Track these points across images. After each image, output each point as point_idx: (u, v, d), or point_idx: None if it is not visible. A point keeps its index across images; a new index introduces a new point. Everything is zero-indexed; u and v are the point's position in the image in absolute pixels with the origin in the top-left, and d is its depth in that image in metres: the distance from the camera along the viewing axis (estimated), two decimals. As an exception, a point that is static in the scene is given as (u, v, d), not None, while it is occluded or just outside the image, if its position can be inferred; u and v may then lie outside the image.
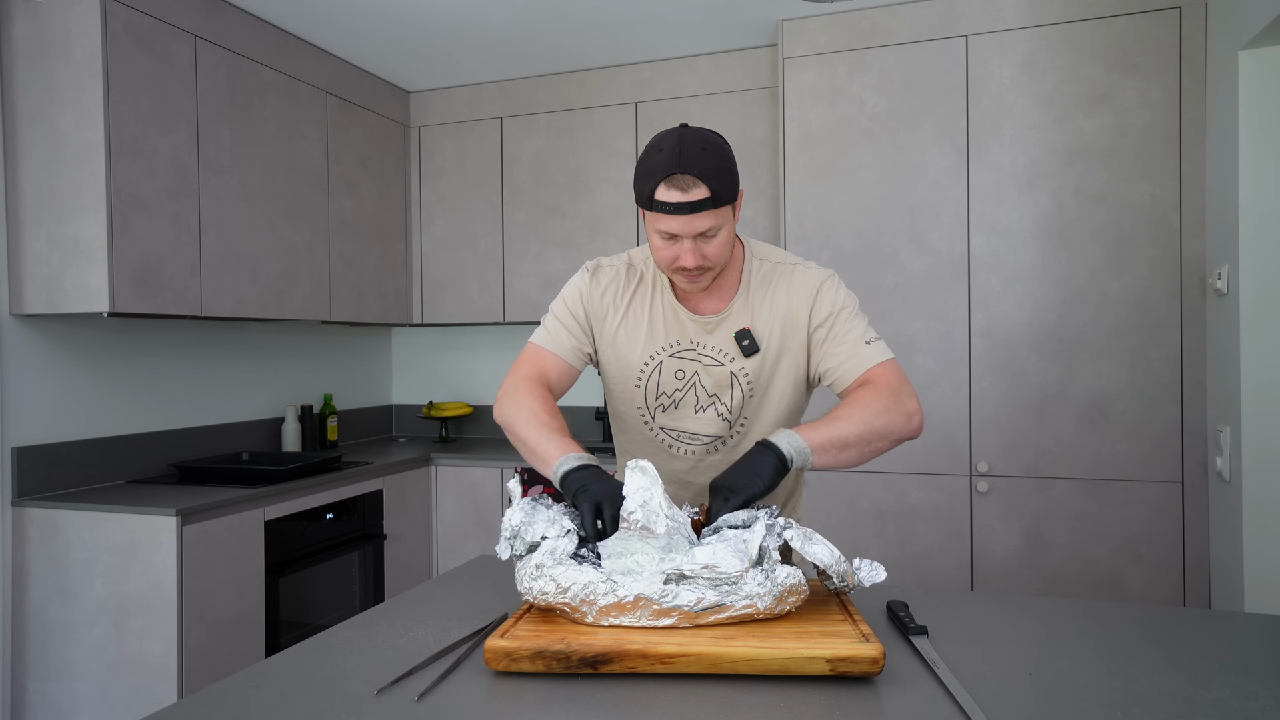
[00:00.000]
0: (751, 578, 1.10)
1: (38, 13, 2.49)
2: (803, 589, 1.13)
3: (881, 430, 1.33)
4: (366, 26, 3.18)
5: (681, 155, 1.30)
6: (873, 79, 2.98)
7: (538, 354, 1.52)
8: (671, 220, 1.33)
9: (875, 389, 1.38)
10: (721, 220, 1.35)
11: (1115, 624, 1.25)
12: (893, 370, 1.42)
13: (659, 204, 1.33)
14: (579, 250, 3.64)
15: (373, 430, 4.15)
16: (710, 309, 1.51)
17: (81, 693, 2.45)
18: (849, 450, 1.30)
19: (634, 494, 1.14)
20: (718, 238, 1.36)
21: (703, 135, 1.34)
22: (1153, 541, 2.69)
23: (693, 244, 1.35)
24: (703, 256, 1.37)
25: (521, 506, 1.20)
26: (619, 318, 1.53)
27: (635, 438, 1.60)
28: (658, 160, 1.33)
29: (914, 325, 2.93)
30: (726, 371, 1.50)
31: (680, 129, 1.35)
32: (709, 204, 1.31)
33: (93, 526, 2.44)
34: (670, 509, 1.14)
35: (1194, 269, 2.66)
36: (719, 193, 1.31)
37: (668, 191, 1.31)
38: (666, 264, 1.41)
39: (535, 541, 1.17)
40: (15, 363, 2.55)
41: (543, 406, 1.40)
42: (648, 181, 1.33)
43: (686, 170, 1.30)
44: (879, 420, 1.33)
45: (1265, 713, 0.94)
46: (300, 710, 0.98)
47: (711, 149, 1.33)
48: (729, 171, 1.34)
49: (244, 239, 2.94)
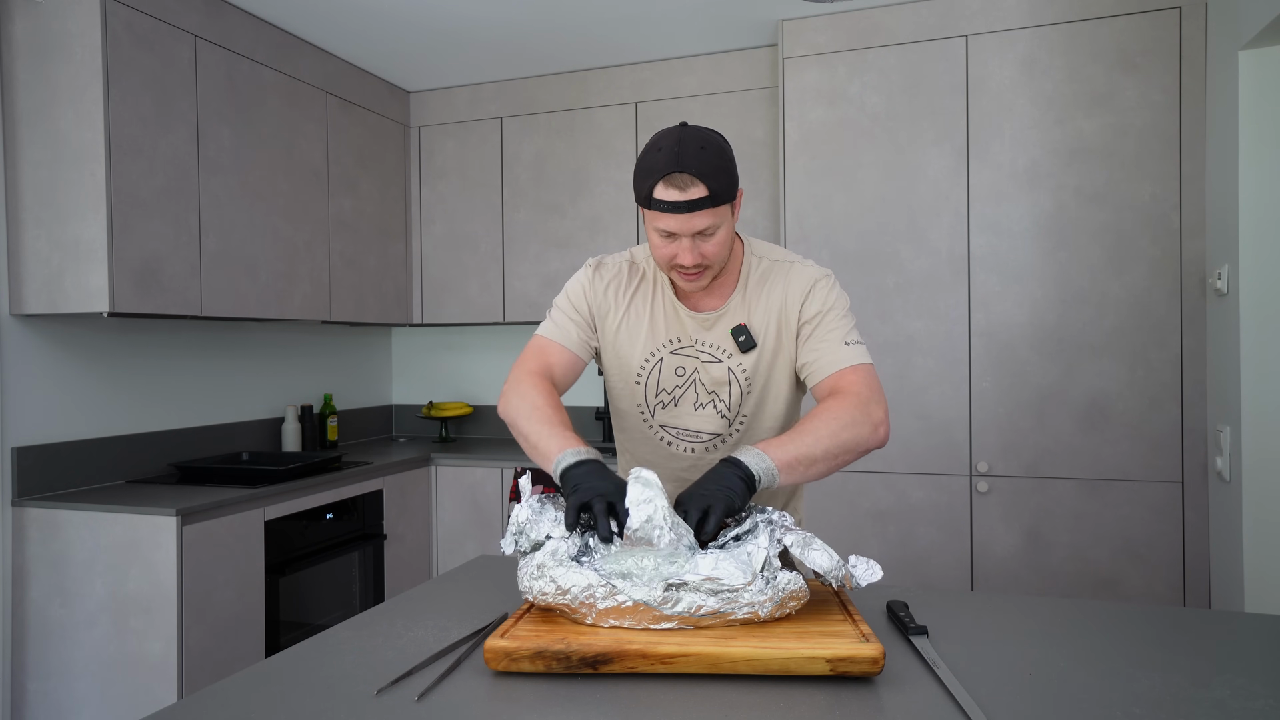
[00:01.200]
0: (754, 585, 1.09)
1: (38, 13, 2.49)
2: (803, 594, 1.13)
3: (848, 443, 1.31)
4: (366, 26, 3.18)
5: (680, 154, 1.31)
6: (873, 79, 2.98)
7: (543, 347, 1.52)
8: (669, 219, 1.34)
9: (843, 400, 1.36)
10: (719, 219, 1.35)
11: (1115, 624, 1.25)
12: (865, 376, 1.41)
13: (657, 202, 1.33)
14: (579, 250, 3.64)
15: (373, 430, 4.15)
16: (708, 306, 1.51)
17: (81, 693, 2.45)
18: (816, 466, 1.28)
19: (636, 507, 1.12)
20: (715, 236, 1.37)
21: (702, 134, 1.34)
22: (1152, 541, 2.69)
23: (691, 242, 1.36)
24: (701, 255, 1.37)
25: (529, 504, 1.20)
26: (620, 315, 1.53)
27: (635, 436, 1.60)
28: (656, 159, 1.33)
29: (914, 325, 2.93)
30: (724, 368, 1.50)
31: (679, 128, 1.35)
32: (707, 203, 1.32)
33: (93, 526, 2.44)
34: (673, 519, 1.13)
35: (1194, 269, 2.66)
36: (717, 192, 1.32)
37: (666, 190, 1.32)
38: (665, 262, 1.41)
39: (539, 540, 1.16)
40: (15, 363, 2.55)
41: (546, 400, 1.40)
42: (646, 180, 1.34)
43: (685, 169, 1.30)
44: (846, 433, 1.31)
45: (1265, 713, 0.94)
46: (300, 710, 0.98)
47: (710, 148, 1.33)
48: (727, 171, 1.34)
49: (244, 239, 2.94)
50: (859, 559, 1.16)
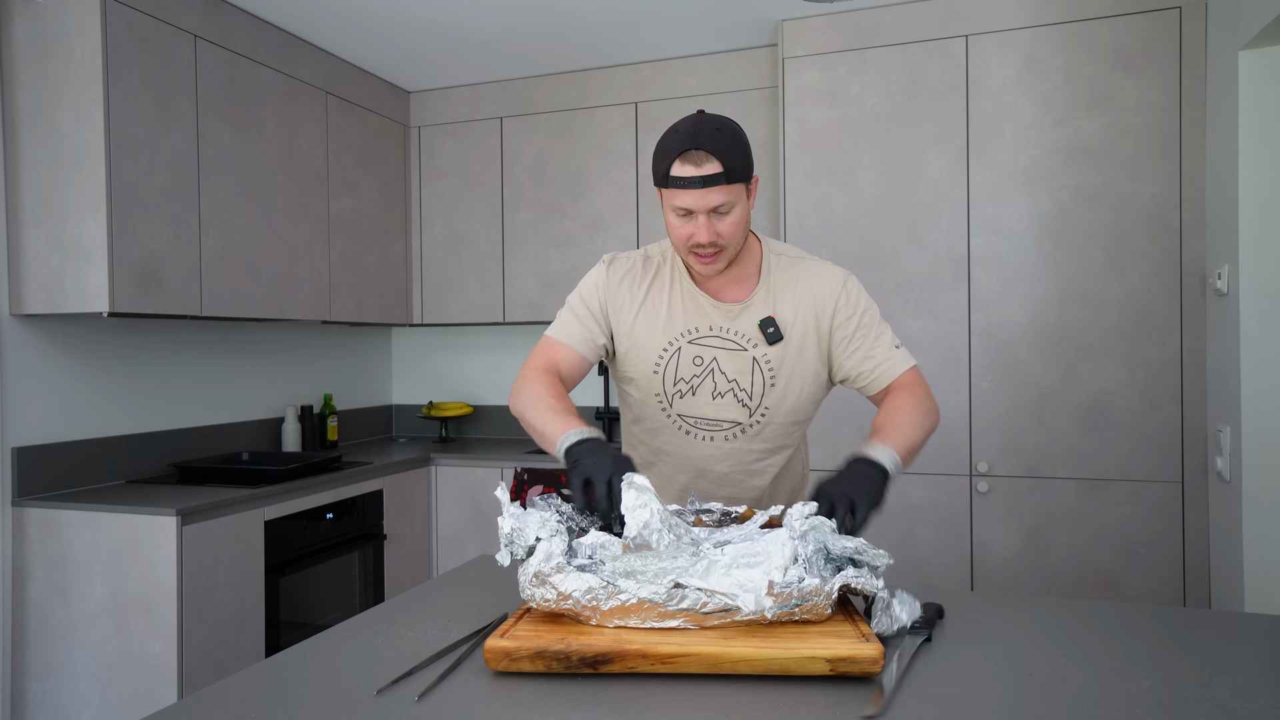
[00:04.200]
0: (761, 603, 1.08)
1: (38, 13, 2.49)
2: (823, 610, 1.11)
3: (930, 429, 1.45)
4: (366, 26, 3.18)
5: (696, 133, 1.37)
6: (873, 79, 2.98)
7: (550, 346, 1.57)
8: (686, 195, 1.38)
9: (914, 393, 1.48)
10: (734, 197, 1.40)
11: (1115, 624, 1.25)
12: (917, 374, 1.54)
13: (674, 179, 1.38)
14: (579, 250, 3.64)
15: (373, 430, 4.15)
16: (733, 297, 1.55)
17: (81, 693, 2.45)
18: (915, 454, 1.39)
19: (632, 513, 1.13)
20: (731, 215, 1.41)
21: (718, 118, 1.40)
22: (1152, 541, 2.69)
23: (706, 220, 1.40)
24: (716, 234, 1.41)
25: (511, 513, 1.19)
26: (637, 306, 1.56)
27: (653, 426, 1.62)
28: (673, 140, 1.39)
29: (914, 325, 2.93)
30: (749, 357, 1.53)
31: (697, 113, 1.42)
32: (721, 179, 1.36)
33: (93, 526, 2.44)
34: (669, 521, 1.14)
35: (1194, 269, 2.66)
36: (731, 169, 1.37)
37: (682, 166, 1.37)
38: (682, 242, 1.45)
39: (531, 545, 1.15)
40: (15, 363, 2.55)
41: (549, 391, 1.45)
42: (664, 159, 1.39)
43: (700, 146, 1.36)
44: (928, 421, 1.45)
45: (1265, 713, 0.94)
46: (300, 710, 0.98)
47: (725, 130, 1.39)
48: (742, 151, 1.39)
49: (244, 239, 2.94)
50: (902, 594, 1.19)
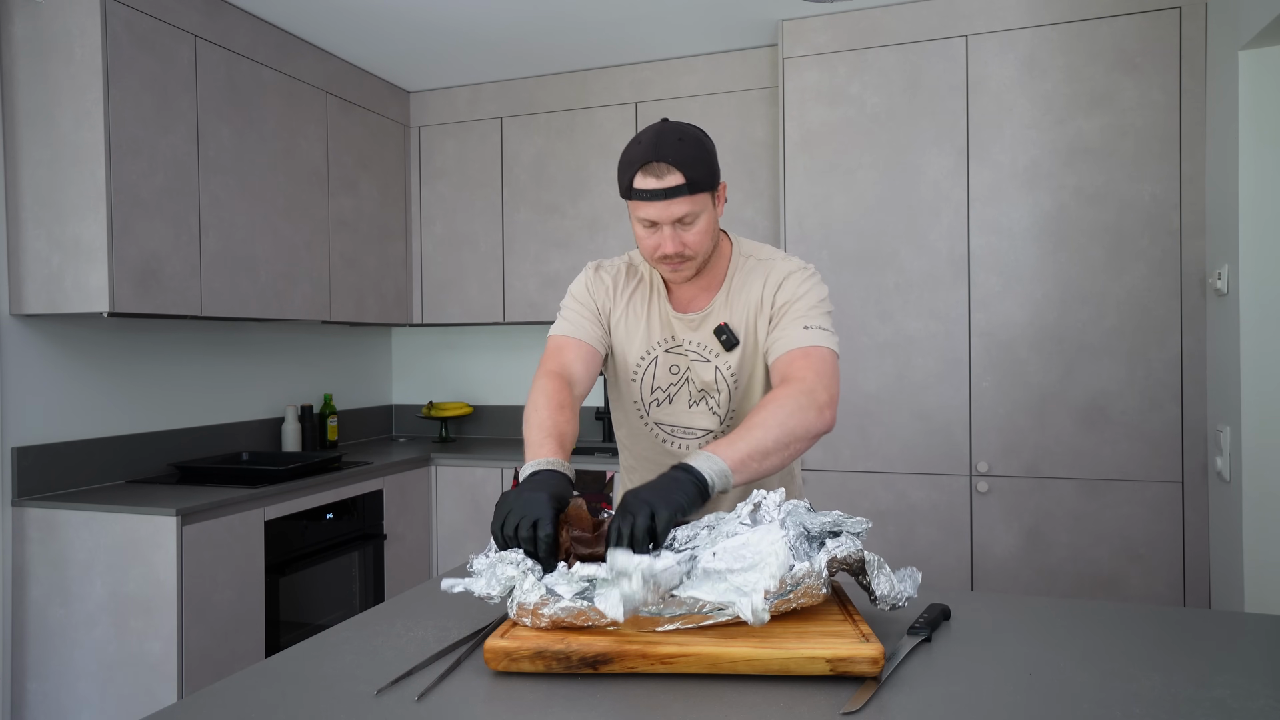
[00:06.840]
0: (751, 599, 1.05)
1: (38, 13, 2.49)
2: (817, 594, 1.11)
3: (797, 431, 1.29)
4: (366, 26, 3.18)
5: (658, 145, 1.36)
6: (873, 79, 2.98)
7: (559, 345, 1.55)
8: (649, 207, 1.38)
9: (787, 387, 1.35)
10: (699, 207, 1.39)
11: (1115, 624, 1.25)
12: (816, 360, 1.39)
13: (637, 191, 1.38)
14: (579, 250, 3.64)
15: (373, 430, 4.15)
16: (695, 307, 1.55)
17: (81, 693, 2.45)
18: (770, 459, 1.25)
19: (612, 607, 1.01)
20: (696, 225, 1.40)
21: (680, 128, 1.39)
22: (1152, 541, 2.69)
23: (672, 230, 1.39)
24: (682, 244, 1.40)
25: (477, 562, 1.13)
26: (620, 313, 1.57)
27: (634, 432, 1.64)
28: (635, 151, 1.38)
29: (914, 325, 2.93)
30: (712, 368, 1.53)
31: (660, 123, 1.40)
32: (684, 190, 1.36)
33: (93, 526, 2.44)
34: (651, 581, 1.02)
35: (1194, 269, 2.66)
36: (694, 180, 1.36)
37: (644, 179, 1.37)
38: (649, 253, 1.44)
39: (509, 584, 1.10)
40: (15, 363, 2.55)
41: (546, 402, 1.42)
42: (627, 172, 1.39)
43: (662, 159, 1.35)
44: (792, 420, 1.28)
45: (1265, 713, 0.94)
46: (300, 710, 0.98)
47: (688, 140, 1.37)
48: (705, 161, 1.38)
49: (244, 239, 2.94)
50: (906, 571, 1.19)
